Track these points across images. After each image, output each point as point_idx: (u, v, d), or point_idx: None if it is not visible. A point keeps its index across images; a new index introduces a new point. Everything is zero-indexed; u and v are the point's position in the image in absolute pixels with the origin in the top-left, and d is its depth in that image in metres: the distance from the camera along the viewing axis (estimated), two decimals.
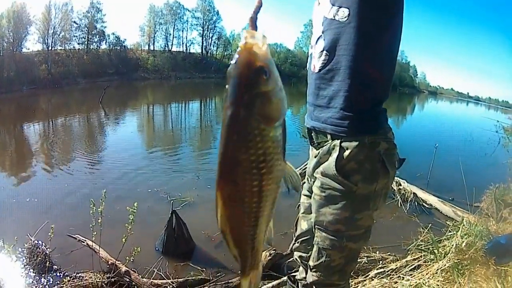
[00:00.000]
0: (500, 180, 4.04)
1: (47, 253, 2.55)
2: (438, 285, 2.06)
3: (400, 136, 1.25)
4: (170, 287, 2.34)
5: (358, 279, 2.27)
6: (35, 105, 13.76)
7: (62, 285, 2.27)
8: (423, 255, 2.49)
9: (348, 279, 1.25)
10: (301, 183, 0.92)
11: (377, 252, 2.68)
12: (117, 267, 2.36)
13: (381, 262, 2.54)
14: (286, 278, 1.63)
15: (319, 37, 1.11)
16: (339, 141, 1.07)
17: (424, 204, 4.22)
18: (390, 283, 2.20)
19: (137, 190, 4.34)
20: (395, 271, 2.36)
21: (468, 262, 2.20)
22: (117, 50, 27.46)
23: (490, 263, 2.16)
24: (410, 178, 4.54)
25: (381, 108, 1.11)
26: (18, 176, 5.17)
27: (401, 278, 2.24)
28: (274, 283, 2.29)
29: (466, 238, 2.41)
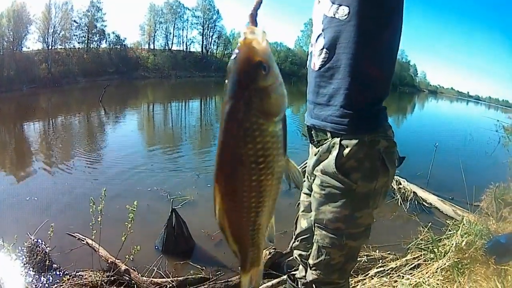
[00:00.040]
0: (500, 179, 4.04)
1: (46, 251, 2.55)
2: (438, 284, 2.06)
3: (400, 135, 1.25)
4: (170, 285, 2.34)
5: (358, 278, 2.28)
6: (35, 104, 13.73)
7: (62, 284, 2.27)
8: (423, 254, 2.50)
9: (348, 278, 1.25)
10: (303, 180, 0.92)
11: (377, 251, 2.69)
12: (117, 265, 2.36)
13: (381, 261, 2.54)
14: (286, 276, 1.63)
15: (319, 35, 1.11)
16: (339, 139, 1.07)
17: (424, 203, 4.22)
18: (390, 282, 2.20)
19: (137, 188, 4.34)
20: (395, 270, 2.37)
21: (468, 261, 2.20)
22: (117, 49, 27.41)
23: (490, 262, 2.16)
24: (410, 177, 4.54)
25: (381, 106, 1.11)
26: (18, 175, 5.17)
27: (401, 277, 2.24)
28: (274, 281, 2.29)
29: (466, 237, 2.41)
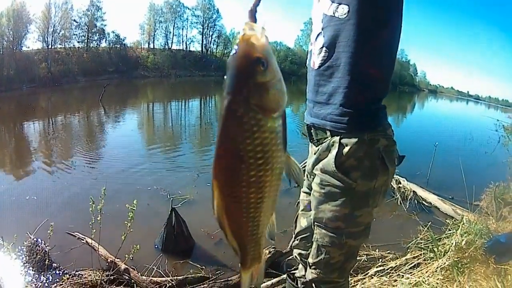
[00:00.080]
0: (500, 178, 4.05)
1: (46, 251, 2.55)
2: (438, 283, 2.06)
3: (400, 134, 1.25)
4: (170, 285, 2.33)
5: (357, 277, 2.28)
6: (35, 104, 13.72)
7: (62, 283, 2.27)
8: (423, 253, 2.50)
9: (348, 277, 1.25)
10: (303, 177, 0.91)
11: (377, 250, 2.69)
12: (117, 264, 2.36)
13: (380, 260, 2.54)
14: (285, 275, 1.63)
15: (318, 34, 1.11)
16: (339, 137, 1.06)
17: (424, 202, 4.22)
18: (389, 281, 2.20)
19: (136, 187, 4.33)
20: (395, 269, 2.37)
21: (468, 260, 2.20)
22: (117, 48, 27.36)
23: (490, 261, 2.16)
24: (409, 176, 4.54)
25: (380, 104, 1.11)
26: (18, 174, 5.16)
27: (400, 276, 2.24)
28: (273, 280, 2.29)
29: (466, 237, 2.40)
